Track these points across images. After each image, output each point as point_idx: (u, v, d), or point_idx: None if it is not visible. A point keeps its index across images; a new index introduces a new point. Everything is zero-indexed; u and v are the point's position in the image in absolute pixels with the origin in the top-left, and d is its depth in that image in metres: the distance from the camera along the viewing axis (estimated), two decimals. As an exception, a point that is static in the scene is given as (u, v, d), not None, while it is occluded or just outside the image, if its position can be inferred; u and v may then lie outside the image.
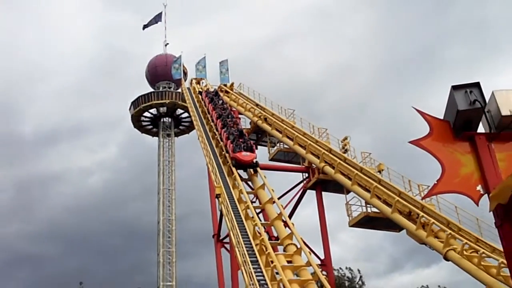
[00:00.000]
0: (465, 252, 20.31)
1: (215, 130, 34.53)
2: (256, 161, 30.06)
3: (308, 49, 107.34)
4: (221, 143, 32.47)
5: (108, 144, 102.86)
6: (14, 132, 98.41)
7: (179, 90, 51.79)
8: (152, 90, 58.87)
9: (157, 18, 61.01)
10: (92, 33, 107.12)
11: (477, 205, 5.73)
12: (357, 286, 42.58)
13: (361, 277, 43.80)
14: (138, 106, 57.28)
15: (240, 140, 30.86)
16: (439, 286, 45.59)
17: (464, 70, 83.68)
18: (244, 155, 29.51)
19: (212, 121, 36.08)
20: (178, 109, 57.19)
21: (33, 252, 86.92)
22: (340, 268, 43.08)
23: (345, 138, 30.38)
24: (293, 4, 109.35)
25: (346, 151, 29.51)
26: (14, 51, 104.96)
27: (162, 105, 57.24)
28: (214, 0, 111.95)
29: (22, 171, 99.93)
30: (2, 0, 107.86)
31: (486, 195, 5.59)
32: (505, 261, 9.12)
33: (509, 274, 6.05)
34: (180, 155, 61.33)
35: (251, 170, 29.67)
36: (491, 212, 5.45)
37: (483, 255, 20.02)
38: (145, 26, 61.06)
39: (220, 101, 38.85)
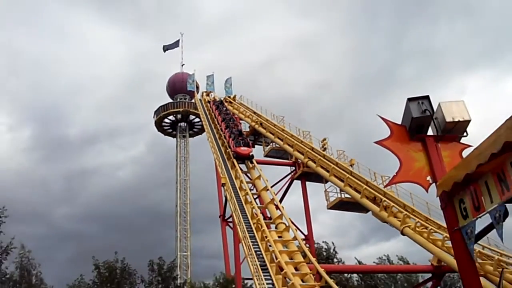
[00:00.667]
0: (417, 229, 20.39)
1: (220, 132, 34.58)
2: (252, 154, 30.01)
3: (294, 70, 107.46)
4: (225, 141, 32.42)
5: (137, 144, 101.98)
6: (63, 134, 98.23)
7: (193, 100, 51.66)
8: (171, 101, 58.75)
9: (176, 44, 60.88)
10: (124, 58, 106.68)
11: (427, 191, 5.84)
12: (332, 255, 42.43)
13: (335, 248, 43.70)
14: (159, 114, 57.15)
15: (240, 138, 31.09)
16: (397, 255, 45.41)
17: (416, 85, 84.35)
18: (243, 149, 29.67)
19: (218, 124, 36.06)
20: (192, 116, 56.90)
21: (75, 230, 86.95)
22: (319, 242, 43.00)
23: (324, 139, 30.33)
24: (282, 35, 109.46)
25: (325, 149, 29.44)
26: (65, 71, 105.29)
27: (178, 112, 57.11)
28: (220, 30, 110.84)
29: (69, 165, 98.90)
30: (56, 36, 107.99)
31: (434, 184, 5.69)
32: (448, 235, 9.26)
33: (451, 246, 6.12)
34: (193, 152, 60.86)
35: (249, 163, 29.57)
36: (438, 197, 5.56)
37: (431, 230, 20.13)
38: (165, 48, 60.81)
39: (224, 108, 39.12)
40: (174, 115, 57.58)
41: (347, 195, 25.49)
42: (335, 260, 41.88)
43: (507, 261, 18.56)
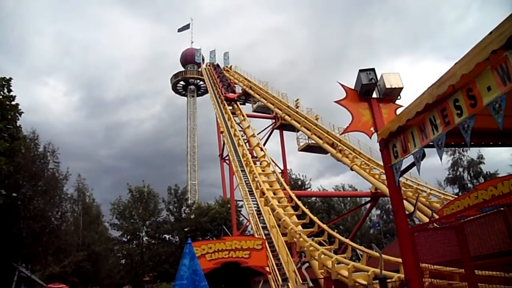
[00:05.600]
0: (362, 166, 20.93)
1: (218, 89, 34.98)
2: (236, 98, 32.90)
3: (270, 50, 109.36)
4: (219, 90, 34.14)
5: (155, 104, 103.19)
6: (102, 97, 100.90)
7: (199, 69, 50.79)
8: (183, 69, 57.81)
9: (187, 26, 60.66)
10: (146, 42, 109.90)
11: (370, 138, 5.91)
12: (305, 185, 43.25)
13: (309, 180, 44.55)
14: (171, 80, 57.04)
15: (229, 87, 34.32)
16: (348, 184, 46.71)
17: (359, 65, 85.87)
18: (230, 95, 32.69)
19: (215, 80, 37.36)
20: (198, 81, 55.98)
21: (114, 166, 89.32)
22: (296, 174, 43.73)
23: (297, 100, 30.10)
24: (261, 25, 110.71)
25: (297, 107, 29.32)
26: (103, 52, 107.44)
27: (180, 80, 56.60)
28: (220, 19, 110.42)
29: (107, 120, 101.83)
30: (97, 27, 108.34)
31: (375, 133, 5.75)
32: (383, 171, 9.48)
33: (385, 178, 6.30)
34: (199, 108, 61.19)
35: (235, 105, 32.02)
36: (378, 143, 5.63)
37: (372, 167, 20.70)
38: (179, 30, 60.69)
39: (219, 69, 40.65)
40: (184, 80, 57.00)
41: (312, 141, 25.62)
42: (308, 188, 42.96)
43: (421, 189, 19.43)
